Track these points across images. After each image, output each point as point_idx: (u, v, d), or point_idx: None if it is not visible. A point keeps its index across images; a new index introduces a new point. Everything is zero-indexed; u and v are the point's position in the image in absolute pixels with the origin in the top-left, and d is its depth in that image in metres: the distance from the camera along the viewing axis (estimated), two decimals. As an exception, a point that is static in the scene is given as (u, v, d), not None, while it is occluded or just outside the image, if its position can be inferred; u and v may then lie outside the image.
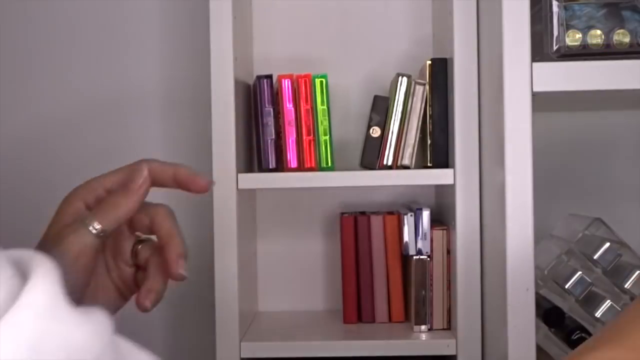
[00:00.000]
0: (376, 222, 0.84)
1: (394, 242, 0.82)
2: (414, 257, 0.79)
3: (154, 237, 0.59)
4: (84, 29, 0.97)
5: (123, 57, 0.97)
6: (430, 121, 0.79)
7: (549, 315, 0.73)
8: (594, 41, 0.65)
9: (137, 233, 0.60)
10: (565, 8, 0.65)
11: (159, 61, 0.97)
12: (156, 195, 1.01)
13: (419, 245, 0.79)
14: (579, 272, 0.74)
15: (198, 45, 0.94)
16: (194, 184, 0.58)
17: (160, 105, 0.97)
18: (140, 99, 0.97)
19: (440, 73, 0.79)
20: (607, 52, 0.65)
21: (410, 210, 0.81)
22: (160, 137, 0.97)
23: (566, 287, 0.74)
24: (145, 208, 0.59)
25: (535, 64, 0.63)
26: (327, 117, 0.78)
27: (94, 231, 0.54)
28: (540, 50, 0.65)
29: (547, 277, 0.79)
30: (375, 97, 0.79)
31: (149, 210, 0.59)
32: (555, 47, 0.65)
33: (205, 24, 0.76)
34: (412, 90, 0.78)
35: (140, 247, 0.59)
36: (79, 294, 0.56)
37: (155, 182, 0.59)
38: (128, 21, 0.97)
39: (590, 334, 0.71)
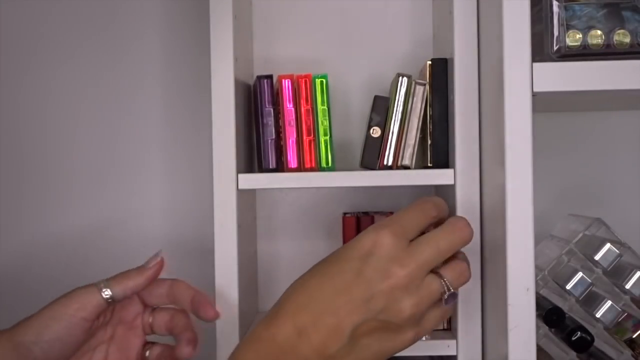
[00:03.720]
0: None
1: (394, 242, 0.82)
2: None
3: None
4: (82, 28, 0.97)
5: (122, 58, 0.97)
6: (431, 121, 0.79)
7: (549, 315, 0.73)
8: (594, 41, 0.65)
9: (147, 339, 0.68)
10: (566, 8, 0.65)
11: (159, 61, 0.97)
12: (156, 190, 1.01)
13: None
14: (580, 273, 0.74)
15: (198, 45, 0.94)
16: (204, 310, 0.66)
17: (160, 104, 0.97)
18: (139, 99, 0.97)
19: (440, 73, 0.79)
20: (608, 52, 0.65)
21: None
22: (160, 136, 0.97)
23: (567, 287, 0.74)
24: (162, 282, 0.67)
25: (535, 64, 0.63)
26: (327, 117, 0.78)
27: (102, 293, 0.61)
28: (541, 51, 0.65)
29: (547, 277, 0.79)
30: (376, 97, 0.79)
31: (166, 282, 0.67)
32: (555, 48, 0.65)
33: (205, 24, 0.76)
34: (412, 90, 0.78)
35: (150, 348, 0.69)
36: (71, 347, 0.60)
37: (176, 298, 0.67)
38: (127, 21, 0.97)
39: (590, 334, 0.71)
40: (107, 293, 0.62)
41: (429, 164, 0.80)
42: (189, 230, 0.96)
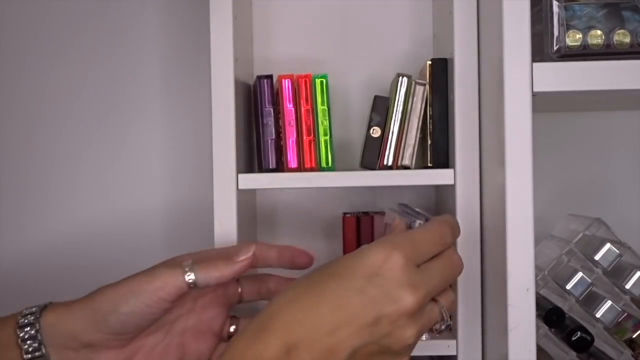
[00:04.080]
0: (379, 222, 0.83)
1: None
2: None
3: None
4: (82, 29, 0.97)
5: (122, 58, 0.97)
6: (431, 121, 0.79)
7: (549, 315, 0.73)
8: (594, 41, 0.65)
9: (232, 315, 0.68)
10: (566, 8, 0.65)
11: (159, 61, 0.97)
12: (156, 189, 1.01)
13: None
14: (580, 273, 0.74)
15: (198, 46, 0.94)
16: (300, 258, 0.67)
17: (160, 104, 0.97)
18: (139, 99, 0.97)
19: (440, 73, 0.79)
20: (608, 52, 0.65)
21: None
22: (160, 136, 0.97)
23: (567, 287, 0.74)
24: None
25: (535, 64, 0.63)
26: (327, 117, 0.78)
27: (186, 276, 0.59)
28: (541, 51, 0.65)
29: (547, 277, 0.79)
30: (376, 97, 0.79)
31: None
32: (555, 48, 0.65)
33: (205, 24, 0.76)
34: (412, 90, 0.78)
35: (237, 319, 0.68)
36: (148, 321, 0.59)
37: (261, 261, 0.65)
38: (127, 21, 0.97)
39: (590, 334, 0.72)
40: (190, 277, 0.59)
41: (429, 164, 0.80)
42: (189, 230, 0.96)
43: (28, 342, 0.58)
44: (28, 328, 0.58)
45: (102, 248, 0.96)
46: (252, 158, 0.86)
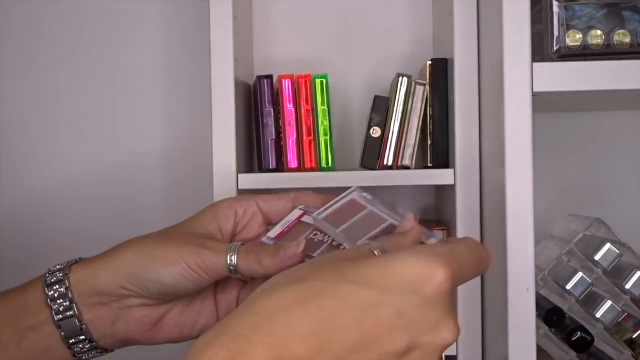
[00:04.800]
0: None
1: (394, 242, 0.82)
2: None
3: None
4: (82, 29, 0.97)
5: (123, 58, 0.97)
6: (431, 121, 0.79)
7: (549, 315, 0.73)
8: (594, 41, 0.65)
9: None
10: (566, 8, 0.65)
11: (159, 61, 0.97)
12: (156, 190, 1.01)
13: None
14: (580, 273, 0.74)
15: (198, 46, 0.94)
16: None
17: (160, 105, 0.97)
18: (140, 99, 0.97)
19: (440, 73, 0.79)
20: (607, 52, 0.65)
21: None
22: (160, 136, 0.97)
23: (567, 287, 0.74)
24: (284, 196, 0.60)
25: (535, 64, 0.63)
26: (327, 117, 0.78)
27: (229, 260, 0.55)
28: (541, 51, 0.65)
29: (547, 277, 0.79)
30: (376, 97, 0.79)
31: (289, 195, 0.60)
32: (555, 48, 0.65)
33: (205, 25, 0.76)
34: (412, 90, 0.78)
35: None
36: (187, 292, 0.56)
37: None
38: (128, 21, 0.97)
39: (590, 334, 0.72)
40: (232, 260, 0.55)
41: (429, 164, 0.80)
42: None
43: (58, 301, 0.54)
44: (57, 286, 0.54)
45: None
46: (252, 158, 0.86)
